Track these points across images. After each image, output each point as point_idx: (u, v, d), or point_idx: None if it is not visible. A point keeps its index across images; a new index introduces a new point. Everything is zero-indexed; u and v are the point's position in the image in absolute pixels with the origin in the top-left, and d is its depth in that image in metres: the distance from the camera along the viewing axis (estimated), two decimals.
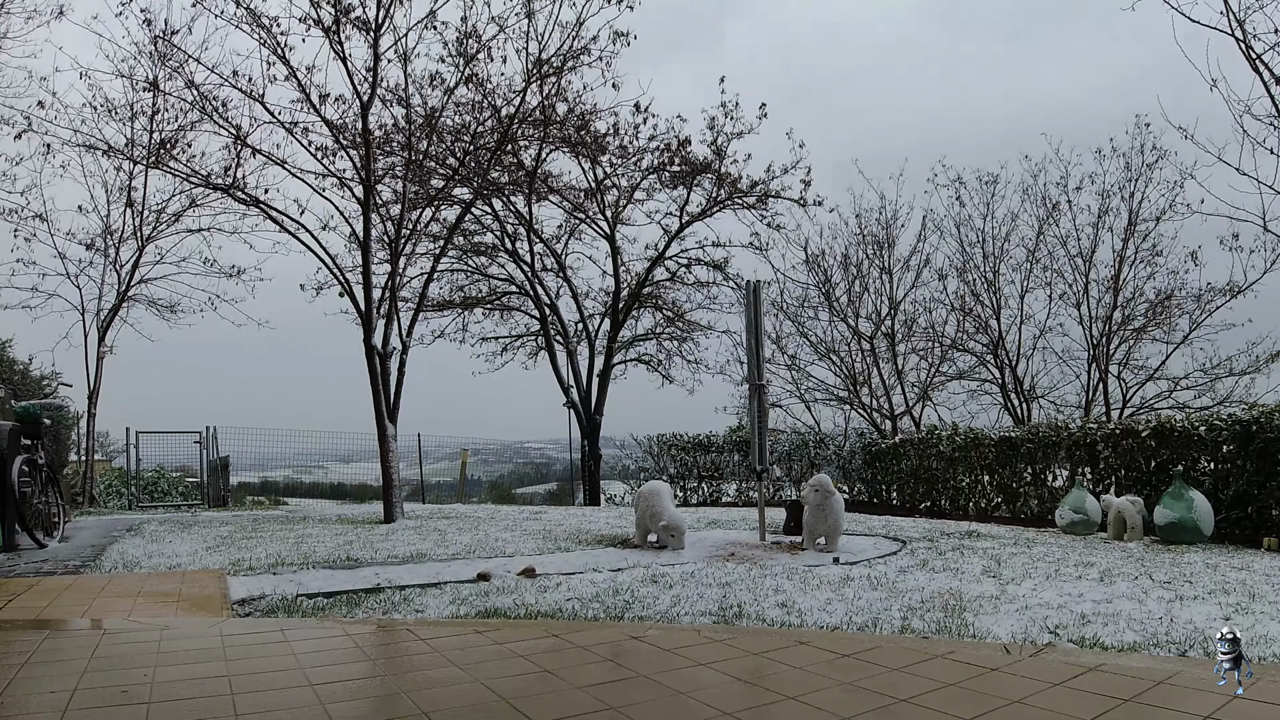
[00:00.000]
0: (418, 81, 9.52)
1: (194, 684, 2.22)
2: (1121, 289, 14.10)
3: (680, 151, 14.10)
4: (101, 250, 13.08)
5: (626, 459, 17.50)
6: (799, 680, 2.30)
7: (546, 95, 10.04)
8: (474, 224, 14.79)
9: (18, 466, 5.34)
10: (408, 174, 9.47)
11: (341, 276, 9.03)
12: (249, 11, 8.02)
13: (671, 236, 15.54)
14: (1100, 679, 2.26)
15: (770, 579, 4.17)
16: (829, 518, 5.39)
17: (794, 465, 13.01)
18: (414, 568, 4.63)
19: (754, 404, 6.16)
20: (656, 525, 5.48)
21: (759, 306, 6.19)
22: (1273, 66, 7.77)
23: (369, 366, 8.30)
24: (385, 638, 2.93)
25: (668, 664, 2.47)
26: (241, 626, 3.05)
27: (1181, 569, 4.61)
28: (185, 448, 14.49)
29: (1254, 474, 6.46)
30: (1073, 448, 8.24)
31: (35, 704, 2.04)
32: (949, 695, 2.12)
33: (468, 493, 19.32)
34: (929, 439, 10.69)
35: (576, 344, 16.19)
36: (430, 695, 2.13)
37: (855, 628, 3.11)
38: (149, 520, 8.13)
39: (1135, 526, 6.33)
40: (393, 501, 8.00)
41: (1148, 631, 3.03)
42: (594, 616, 3.31)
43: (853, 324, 15.97)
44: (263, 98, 8.44)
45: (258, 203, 9.08)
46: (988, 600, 3.60)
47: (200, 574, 4.39)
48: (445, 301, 15.97)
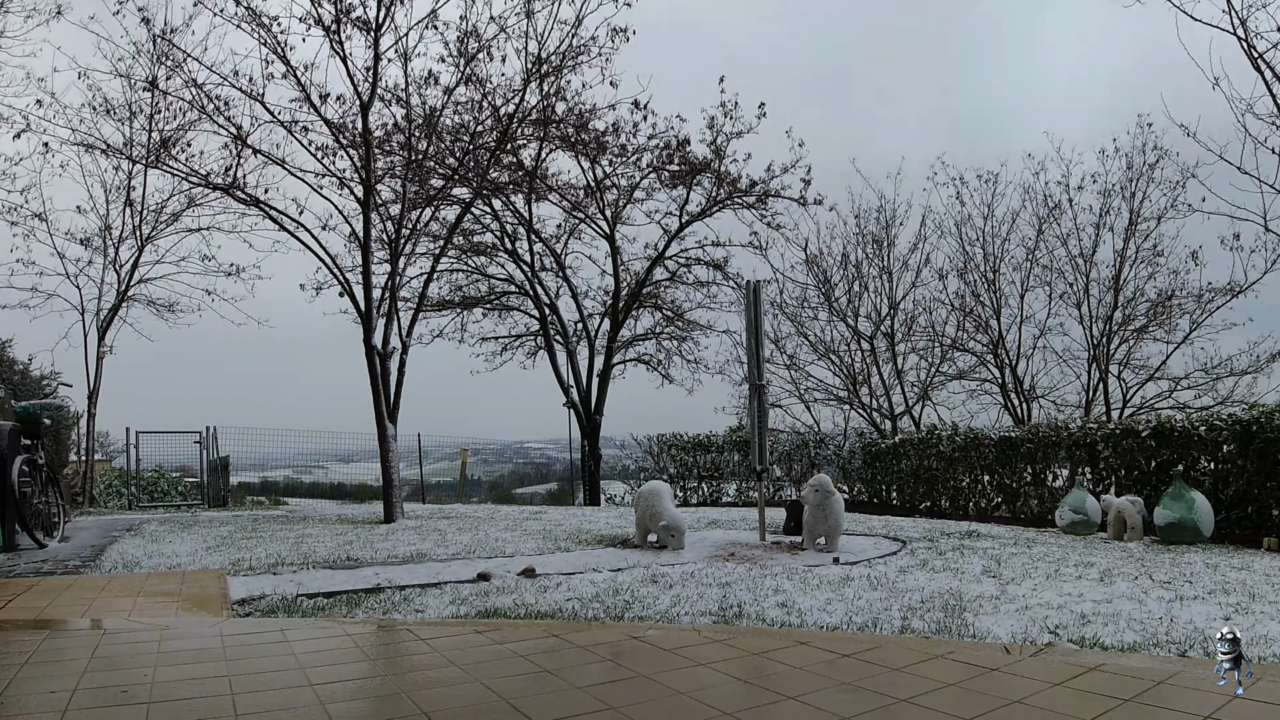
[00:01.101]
0: (418, 81, 9.52)
1: (194, 684, 2.22)
2: (1122, 288, 14.10)
3: (680, 150, 14.10)
4: (101, 250, 13.09)
5: (626, 459, 17.53)
6: (799, 680, 2.30)
7: (546, 94, 10.04)
8: (474, 224, 14.79)
9: (18, 466, 5.34)
10: (407, 174, 9.47)
11: (341, 276, 9.04)
12: (249, 10, 8.02)
13: (671, 236, 15.55)
14: (1100, 679, 2.26)
15: (770, 579, 4.17)
16: (829, 518, 5.39)
17: (794, 465, 13.02)
18: (414, 568, 4.63)
19: (754, 404, 6.16)
20: (656, 525, 5.48)
21: (759, 306, 6.19)
22: (1274, 65, 7.78)
23: (369, 366, 8.30)
24: (385, 638, 2.93)
25: (668, 664, 2.47)
26: (241, 626, 3.05)
27: (1181, 569, 4.61)
28: (185, 448, 14.49)
29: (1254, 474, 6.46)
30: (1073, 448, 8.24)
31: (35, 704, 2.04)
32: (949, 695, 2.12)
33: (468, 493, 19.32)
34: (929, 439, 10.69)
35: (576, 344, 16.20)
36: (430, 695, 2.13)
37: (855, 628, 3.11)
38: (149, 520, 8.13)
39: (1135, 526, 6.33)
40: (393, 501, 8.00)
41: (1148, 631, 3.03)
42: (594, 616, 3.31)
43: (852, 324, 15.97)
44: (262, 97, 8.46)
45: (257, 202, 9.08)
46: (988, 600, 3.60)
47: (200, 574, 4.39)
48: (445, 301, 15.98)
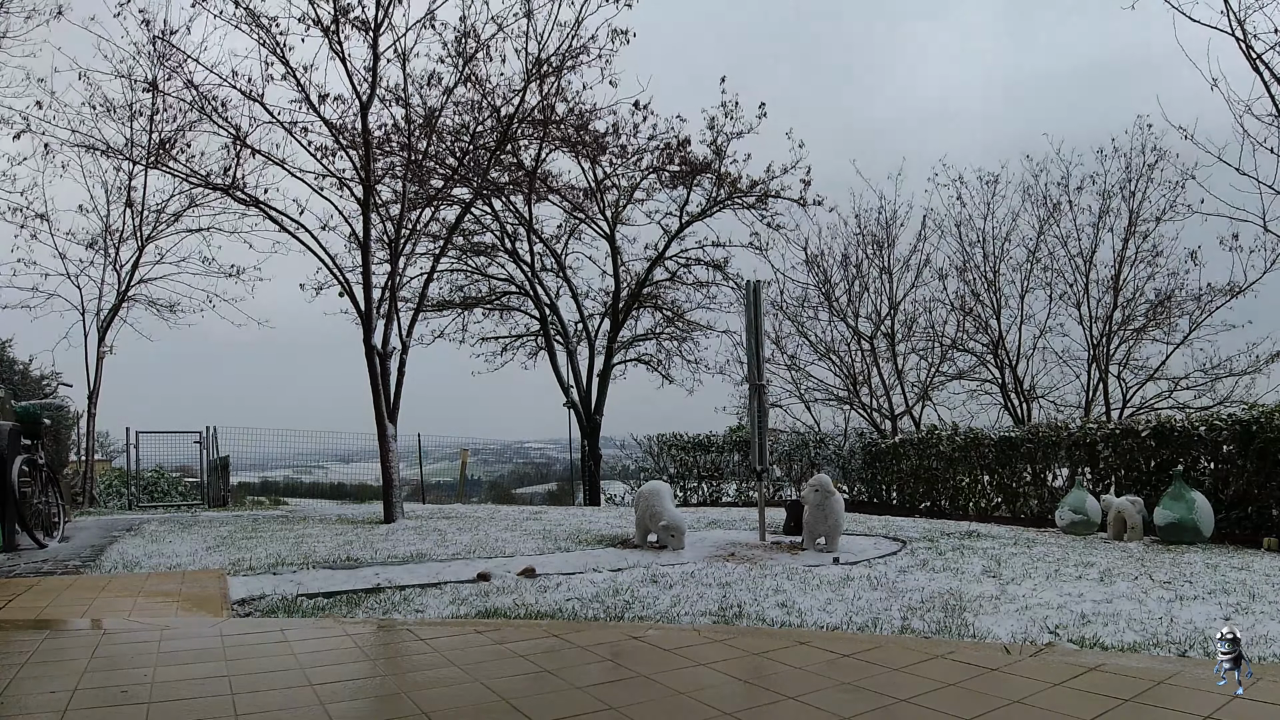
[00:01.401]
0: (417, 81, 9.54)
1: (194, 684, 2.22)
2: (1122, 289, 14.10)
3: (680, 151, 14.10)
4: (101, 250, 13.10)
5: (626, 459, 17.52)
6: (799, 680, 2.30)
7: (546, 95, 10.05)
8: (474, 224, 14.79)
9: (18, 466, 5.34)
10: (407, 174, 9.48)
11: (341, 276, 9.04)
12: (248, 11, 8.02)
13: (671, 236, 15.54)
14: (1100, 679, 2.26)
15: (770, 579, 4.17)
16: (829, 518, 5.39)
17: (794, 465, 13.01)
18: (414, 568, 4.63)
19: (754, 404, 6.16)
20: (656, 525, 5.47)
21: (759, 306, 6.19)
22: (1273, 66, 7.78)
23: (369, 366, 8.30)
24: (385, 638, 2.93)
25: (668, 664, 2.47)
26: (241, 626, 3.05)
27: (1181, 569, 4.61)
28: (185, 448, 14.50)
29: (1254, 474, 6.46)
30: (1073, 448, 8.24)
31: (35, 704, 2.04)
32: (949, 695, 2.12)
33: (467, 493, 19.32)
34: (929, 439, 10.69)
35: (576, 344, 16.20)
36: (430, 695, 2.13)
37: (855, 628, 3.11)
38: (149, 520, 8.13)
39: (1135, 526, 6.33)
40: (393, 501, 8.00)
41: (1148, 631, 3.03)
42: (594, 616, 3.31)
43: (852, 324, 15.96)
44: (262, 98, 8.46)
45: (257, 203, 9.08)
46: (988, 600, 3.60)
47: (200, 574, 4.39)
48: (445, 301, 15.98)
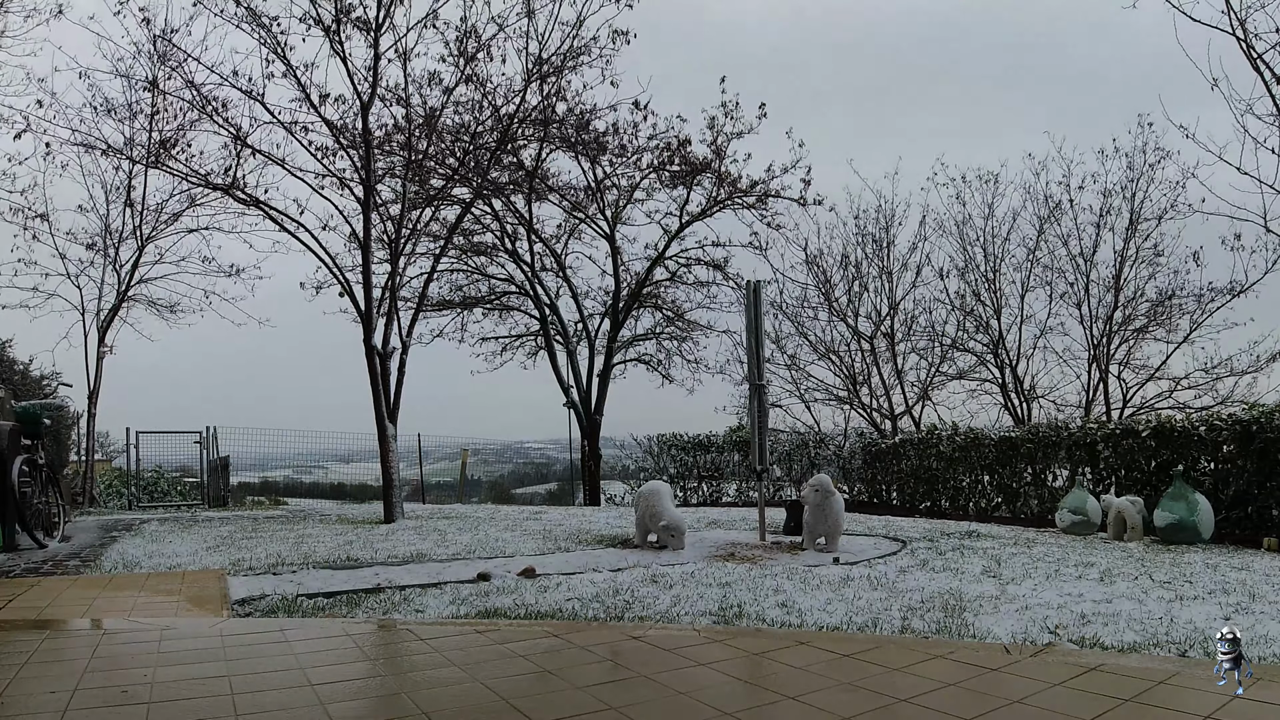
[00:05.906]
0: (418, 81, 9.52)
1: (194, 684, 2.22)
2: (1123, 288, 14.08)
3: (680, 151, 14.09)
4: (101, 250, 13.09)
5: (626, 459, 17.52)
6: (799, 680, 2.30)
7: (546, 95, 10.04)
8: (474, 224, 14.77)
9: (18, 466, 5.33)
10: (408, 174, 9.47)
11: (341, 276, 9.03)
12: (249, 10, 8.02)
13: (671, 236, 15.53)
14: (1100, 679, 2.26)
15: (770, 579, 4.17)
16: (829, 518, 5.39)
17: (794, 465, 13.02)
18: (414, 568, 4.63)
19: (754, 404, 6.16)
20: (656, 525, 5.47)
21: (759, 306, 6.19)
22: (1274, 66, 7.77)
23: (369, 366, 8.30)
24: (385, 638, 2.93)
25: (668, 664, 2.47)
26: (242, 626, 3.05)
27: (1181, 569, 4.61)
28: (185, 448, 14.50)
29: (1254, 474, 6.46)
30: (1073, 448, 8.24)
31: (35, 704, 2.04)
32: (949, 695, 2.12)
33: (468, 493, 19.32)
34: (929, 439, 10.69)
35: (576, 344, 16.18)
36: (430, 695, 2.13)
37: (855, 628, 3.11)
38: (149, 520, 8.13)
39: (1135, 527, 6.33)
40: (393, 501, 8.00)
41: (1148, 631, 3.03)
42: (594, 616, 3.31)
43: (852, 324, 15.95)
44: (262, 97, 8.45)
45: (257, 202, 9.08)
46: (988, 600, 3.60)
47: (200, 574, 4.39)
48: (445, 301, 15.96)
